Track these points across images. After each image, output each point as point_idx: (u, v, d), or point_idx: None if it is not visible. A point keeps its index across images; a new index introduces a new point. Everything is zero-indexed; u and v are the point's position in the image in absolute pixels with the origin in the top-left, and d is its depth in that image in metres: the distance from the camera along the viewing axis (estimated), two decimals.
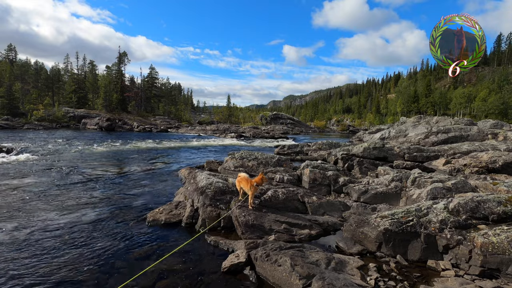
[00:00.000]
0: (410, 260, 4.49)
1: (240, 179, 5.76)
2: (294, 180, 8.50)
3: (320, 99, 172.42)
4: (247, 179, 5.63)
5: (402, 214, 4.83)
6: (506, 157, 11.03)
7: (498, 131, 21.75)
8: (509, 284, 3.83)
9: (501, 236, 4.04)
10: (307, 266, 3.75)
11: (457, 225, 4.49)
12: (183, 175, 9.88)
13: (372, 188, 7.38)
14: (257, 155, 10.17)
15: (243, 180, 5.67)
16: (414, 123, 25.52)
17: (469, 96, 63.81)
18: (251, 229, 5.13)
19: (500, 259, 3.95)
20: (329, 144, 18.42)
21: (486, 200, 4.77)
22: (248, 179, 5.62)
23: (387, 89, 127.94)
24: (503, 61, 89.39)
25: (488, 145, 14.98)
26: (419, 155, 14.05)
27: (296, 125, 57.83)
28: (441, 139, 21.31)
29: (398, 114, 73.96)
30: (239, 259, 4.08)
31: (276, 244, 4.33)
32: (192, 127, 46.73)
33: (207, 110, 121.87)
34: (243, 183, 5.64)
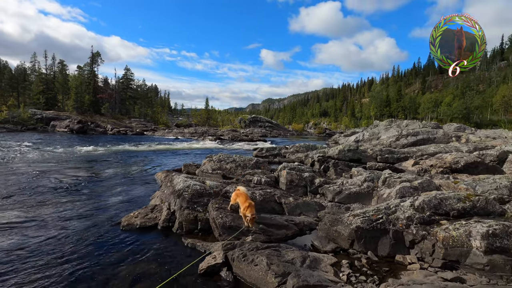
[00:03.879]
0: (380, 255, 4.73)
1: (239, 193, 5.50)
2: (271, 182, 8.63)
3: (298, 102, 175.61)
4: (246, 196, 5.40)
5: (373, 212, 5.08)
6: (467, 158, 11.86)
7: (461, 134, 23.32)
8: (467, 274, 4.15)
9: (460, 230, 4.37)
10: (283, 264, 3.85)
11: (422, 221, 4.80)
12: (159, 178, 9.70)
13: (346, 189, 7.67)
14: (235, 157, 10.21)
15: (241, 196, 5.39)
16: (386, 126, 26.75)
17: (436, 101, 67.78)
18: (228, 231, 5.16)
19: (459, 252, 4.28)
20: (306, 146, 18.84)
21: (448, 197, 5.15)
22: (246, 196, 5.39)
23: (361, 93, 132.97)
24: None
25: (452, 147, 16.03)
26: (390, 157, 14.72)
27: (275, 128, 58.48)
28: (411, 141, 22.48)
29: (372, 118, 76.91)
30: (216, 260, 4.10)
31: (253, 245, 4.39)
32: (170, 130, 45.78)
33: (185, 112, 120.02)
34: (241, 198, 5.35)
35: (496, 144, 18.61)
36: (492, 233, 4.18)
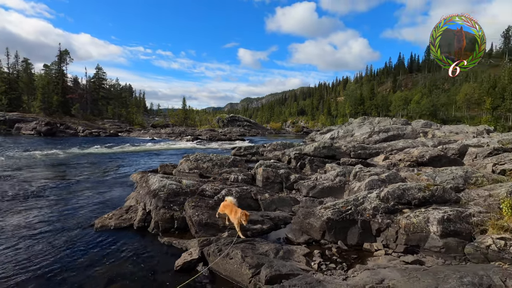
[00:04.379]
0: (350, 244, 5.02)
1: (226, 204, 5.33)
2: (248, 179, 8.77)
3: (276, 101, 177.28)
4: (232, 206, 5.17)
5: (342, 204, 5.37)
6: (432, 152, 12.68)
7: (427, 130, 24.78)
8: (426, 257, 4.54)
9: (419, 217, 4.75)
10: (257, 256, 4.00)
11: (387, 211, 5.16)
12: (135, 179, 9.55)
13: (319, 184, 7.99)
14: (212, 156, 10.25)
15: (228, 207, 5.22)
16: (360, 123, 27.83)
17: (405, 99, 71.17)
18: (205, 228, 5.24)
19: (419, 237, 4.65)
20: (284, 144, 19.19)
21: (410, 187, 5.55)
22: (233, 206, 5.17)
23: (337, 92, 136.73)
24: (432, 68, 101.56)
25: (419, 142, 17.03)
26: (363, 153, 15.36)
27: (253, 127, 58.78)
28: (382, 137, 23.58)
29: (347, 116, 79.43)
30: (192, 256, 4.18)
31: (229, 240, 4.52)
32: (145, 131, 44.67)
33: (162, 113, 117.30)
34: (228, 210, 5.19)
35: (459, 139, 20.01)
36: (447, 218, 4.59)
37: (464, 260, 4.26)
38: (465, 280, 3.23)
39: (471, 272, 3.41)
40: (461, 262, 4.25)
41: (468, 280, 3.24)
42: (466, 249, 4.24)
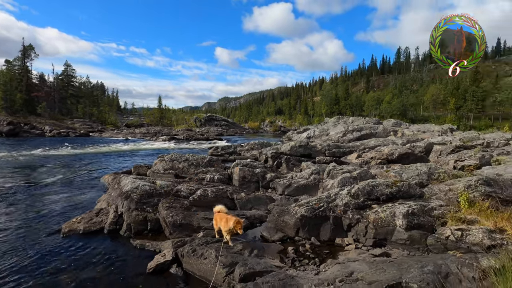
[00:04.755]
0: (322, 240, 5.18)
1: (217, 215, 4.73)
2: (224, 179, 8.75)
3: (254, 101, 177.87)
4: (221, 216, 4.61)
5: (315, 202, 5.52)
6: (400, 150, 13.34)
7: (397, 129, 26.00)
8: (392, 249, 4.79)
9: (386, 212, 5.00)
10: (231, 255, 4.02)
11: (357, 206, 5.38)
12: (106, 181, 9.20)
13: (295, 182, 8.14)
14: (188, 156, 10.11)
15: (218, 216, 4.68)
16: (334, 123, 28.63)
17: (378, 99, 74.14)
18: (179, 229, 5.18)
19: (386, 230, 4.90)
20: (261, 144, 19.33)
21: (378, 184, 5.82)
22: (224, 216, 4.58)
23: (313, 92, 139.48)
24: (402, 70, 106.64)
25: (389, 141, 17.86)
26: (337, 151, 15.84)
27: (231, 127, 58.56)
28: (356, 136, 24.42)
29: (323, 115, 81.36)
30: (166, 258, 4.12)
31: (203, 240, 4.50)
32: (119, 131, 43.05)
33: (136, 112, 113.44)
34: (218, 220, 4.65)
35: (425, 137, 21.20)
36: (411, 212, 4.87)
37: (426, 251, 4.54)
38: (425, 269, 3.46)
39: (432, 262, 3.65)
40: (424, 253, 4.53)
41: (429, 269, 3.47)
42: (428, 241, 4.53)
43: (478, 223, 4.69)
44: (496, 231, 4.36)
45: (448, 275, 3.44)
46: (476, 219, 4.77)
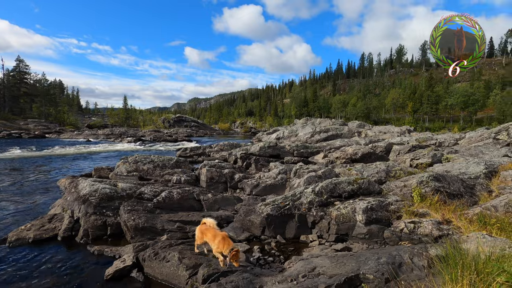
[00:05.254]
0: (288, 238, 5.27)
1: (205, 229, 4.00)
2: (192, 180, 8.58)
3: (225, 102, 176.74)
4: (214, 233, 3.89)
5: (281, 200, 5.61)
6: (363, 150, 14.04)
7: (361, 130, 27.32)
8: (353, 243, 5.01)
9: (347, 208, 5.23)
10: (195, 257, 3.95)
11: (321, 204, 5.55)
12: (63, 185, 8.59)
13: (262, 182, 8.21)
14: (154, 158, 9.77)
15: (209, 232, 3.92)
16: (303, 124, 29.38)
17: (343, 102, 77.34)
18: (142, 232, 4.98)
19: (348, 226, 5.11)
20: (231, 145, 19.27)
21: (341, 182, 6.06)
22: (216, 231, 3.92)
23: (283, 94, 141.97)
24: (366, 74, 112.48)
25: (354, 141, 18.71)
26: (305, 151, 16.27)
27: (201, 128, 57.65)
28: (323, 137, 25.28)
29: (293, 117, 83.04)
30: (125, 263, 3.93)
31: (166, 242, 4.36)
32: (80, 132, 40.44)
33: (100, 112, 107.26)
34: (209, 235, 3.89)
35: (386, 138, 22.52)
36: (370, 208, 5.13)
37: (384, 244, 4.82)
38: (381, 261, 3.66)
39: (387, 253, 3.87)
40: (382, 245, 4.80)
41: (384, 260, 3.68)
42: (385, 234, 4.80)
43: (428, 215, 5.07)
44: (443, 222, 4.75)
45: (401, 265, 3.67)
46: (427, 212, 5.16)
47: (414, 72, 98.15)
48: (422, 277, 3.45)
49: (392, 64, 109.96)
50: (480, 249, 3.41)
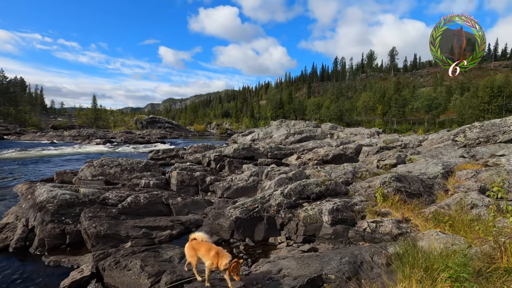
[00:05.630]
0: (257, 240, 5.29)
1: (197, 244, 3.48)
2: (161, 184, 8.36)
3: (201, 103, 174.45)
4: (207, 246, 3.37)
5: (250, 203, 5.62)
6: (334, 151, 14.46)
7: (334, 132, 28.13)
8: (320, 244, 5.13)
9: (315, 209, 5.35)
10: (159, 264, 3.83)
11: (289, 206, 5.63)
12: (20, 191, 7.99)
13: (234, 184, 8.19)
14: (121, 161, 9.39)
15: (202, 246, 3.40)
16: (278, 126, 29.73)
17: (318, 104, 79.38)
18: (104, 240, 4.75)
19: (315, 227, 5.23)
20: (205, 146, 19.02)
21: (309, 183, 6.19)
22: (210, 245, 3.38)
23: (259, 96, 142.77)
24: (339, 78, 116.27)
25: (326, 143, 19.22)
26: (279, 153, 16.44)
27: (175, 129, 56.39)
28: (297, 138, 25.72)
29: (269, 118, 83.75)
30: (83, 274, 3.73)
31: (129, 250, 4.20)
32: (43, 133, 37.94)
33: (66, 112, 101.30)
34: (202, 250, 3.35)
35: (356, 139, 23.39)
36: (336, 209, 5.29)
37: (348, 243, 4.98)
38: (343, 260, 3.78)
39: (349, 253, 4.00)
40: (346, 245, 4.96)
41: (346, 260, 3.79)
42: (349, 234, 4.97)
43: (390, 215, 5.32)
44: (403, 221, 5.00)
45: (362, 264, 3.81)
46: (389, 211, 5.41)
47: (384, 77, 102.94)
48: (381, 275, 3.60)
49: (364, 69, 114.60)
50: (432, 246, 3.64)
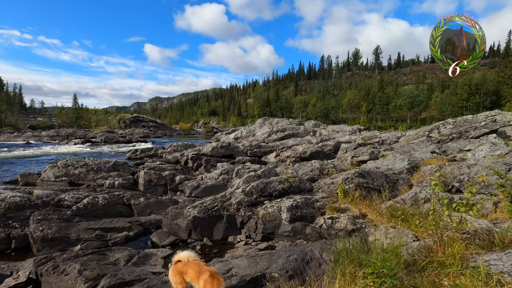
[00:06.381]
0: (216, 240, 5.19)
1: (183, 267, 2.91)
2: (128, 184, 8.14)
3: (188, 101, 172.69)
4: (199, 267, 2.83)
5: (210, 202, 5.52)
6: (312, 149, 14.53)
7: (316, 129, 28.32)
8: (278, 242, 5.08)
9: (274, 207, 5.30)
10: (100, 267, 3.68)
11: (250, 204, 5.56)
12: None
13: (203, 183, 8.06)
14: (88, 161, 9.09)
15: (190, 269, 2.84)
16: (261, 124, 29.70)
17: (304, 102, 79.90)
18: (51, 244, 4.55)
19: (274, 224, 5.18)
20: (185, 145, 18.75)
21: (272, 181, 6.15)
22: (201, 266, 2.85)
23: (247, 94, 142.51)
24: (325, 76, 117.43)
25: (306, 140, 19.30)
26: (259, 151, 16.38)
27: (160, 128, 55.53)
28: (280, 136, 25.73)
29: (256, 117, 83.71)
30: (18, 280, 3.54)
31: (72, 253, 4.02)
32: (20, 133, 36.58)
33: (47, 112, 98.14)
34: (191, 273, 2.82)
35: (338, 136, 23.62)
36: (295, 206, 5.25)
37: (306, 240, 4.95)
38: (291, 258, 3.73)
39: (299, 250, 3.96)
40: (304, 242, 4.93)
41: (294, 257, 3.75)
42: (306, 230, 4.94)
43: (349, 210, 5.33)
44: (359, 216, 5.01)
45: (310, 261, 3.77)
46: (348, 207, 5.42)
47: (368, 75, 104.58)
48: (327, 271, 3.58)
49: (349, 67, 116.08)
50: (377, 241, 3.65)
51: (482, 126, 14.05)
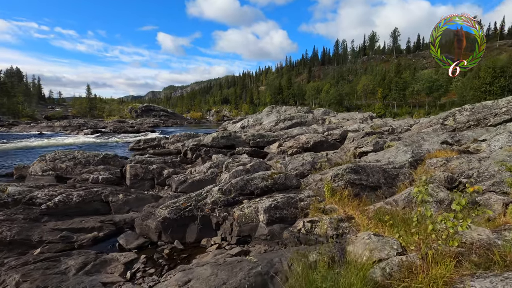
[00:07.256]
0: (188, 242, 4.81)
1: None
2: (114, 178, 7.89)
3: (201, 90, 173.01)
4: None
5: (183, 201, 5.12)
6: (316, 138, 13.84)
7: (326, 117, 27.35)
8: (255, 246, 4.63)
9: (251, 208, 4.83)
10: (44, 278, 3.37)
11: (226, 203, 5.12)
12: None
13: (191, 178, 7.68)
14: (77, 154, 8.90)
15: None
16: (268, 112, 28.97)
17: (317, 89, 77.72)
18: (9, 247, 4.30)
19: (250, 227, 4.73)
20: (188, 135, 18.53)
21: (253, 178, 5.66)
22: None
23: (259, 81, 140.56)
24: (340, 61, 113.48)
25: (311, 129, 18.54)
26: (261, 141, 15.86)
27: (171, 117, 55.77)
28: (287, 125, 25.00)
29: (268, 104, 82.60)
30: None
31: (21, 260, 3.74)
32: (35, 124, 37.64)
33: (65, 102, 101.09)
34: None
35: (348, 124, 22.64)
36: (274, 206, 4.76)
37: (284, 245, 4.48)
38: (253, 271, 3.28)
39: (266, 260, 3.50)
40: (282, 247, 4.46)
41: (257, 270, 3.29)
42: (284, 234, 4.46)
43: (336, 212, 4.78)
44: (345, 219, 4.47)
45: (276, 274, 3.31)
46: (335, 208, 4.86)
47: (385, 59, 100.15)
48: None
49: (365, 51, 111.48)
50: (351, 254, 3.13)
51: (503, 112, 12.83)
